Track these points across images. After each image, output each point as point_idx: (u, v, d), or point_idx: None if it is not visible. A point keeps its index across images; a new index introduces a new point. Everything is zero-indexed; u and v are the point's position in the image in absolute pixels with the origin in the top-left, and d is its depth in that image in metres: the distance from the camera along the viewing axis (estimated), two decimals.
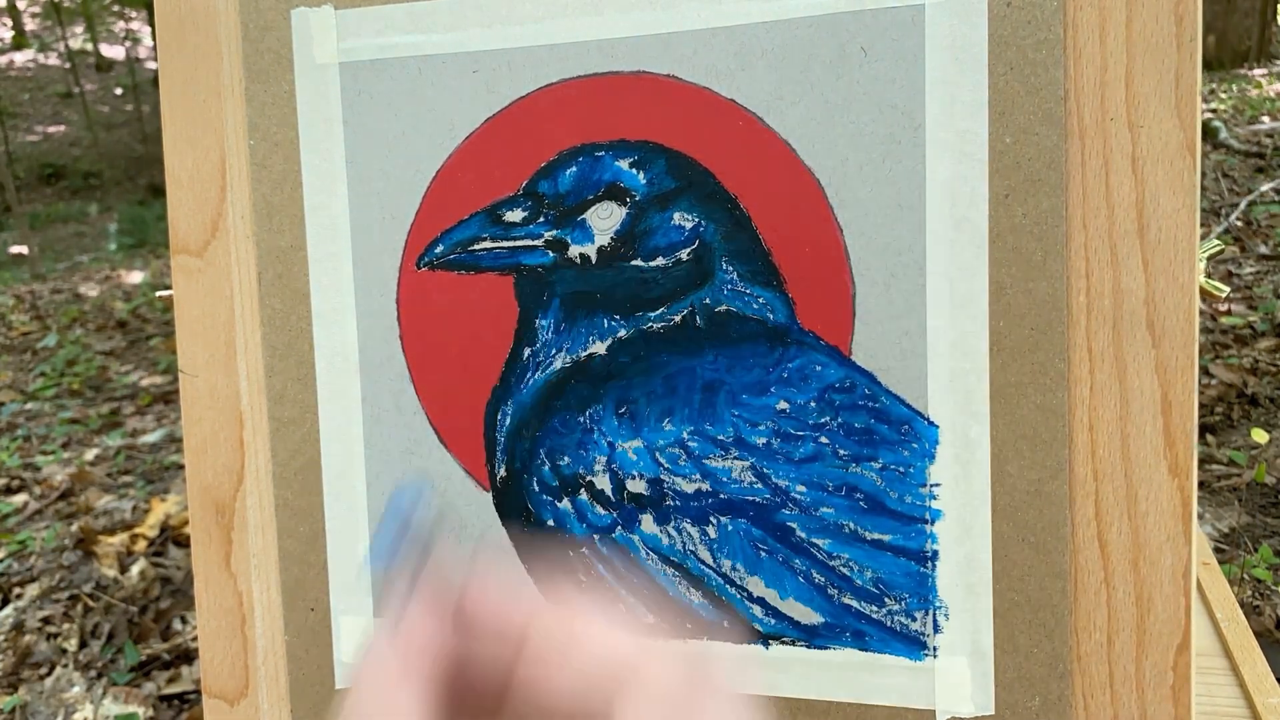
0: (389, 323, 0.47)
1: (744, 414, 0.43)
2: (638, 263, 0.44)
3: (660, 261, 0.43)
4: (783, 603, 0.43)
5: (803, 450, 0.42)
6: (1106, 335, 0.39)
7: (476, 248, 0.46)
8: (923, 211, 0.40)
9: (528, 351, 0.45)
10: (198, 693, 1.46)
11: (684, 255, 0.43)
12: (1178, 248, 0.38)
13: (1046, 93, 0.39)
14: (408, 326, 0.47)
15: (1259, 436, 1.72)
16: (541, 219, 0.45)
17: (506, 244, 0.45)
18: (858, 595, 0.42)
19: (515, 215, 0.45)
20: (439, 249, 0.46)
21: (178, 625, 1.66)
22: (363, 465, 0.48)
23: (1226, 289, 0.45)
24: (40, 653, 1.60)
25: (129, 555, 1.88)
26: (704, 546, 0.44)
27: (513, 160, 0.45)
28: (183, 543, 1.90)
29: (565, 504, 0.45)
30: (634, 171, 0.43)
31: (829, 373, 0.42)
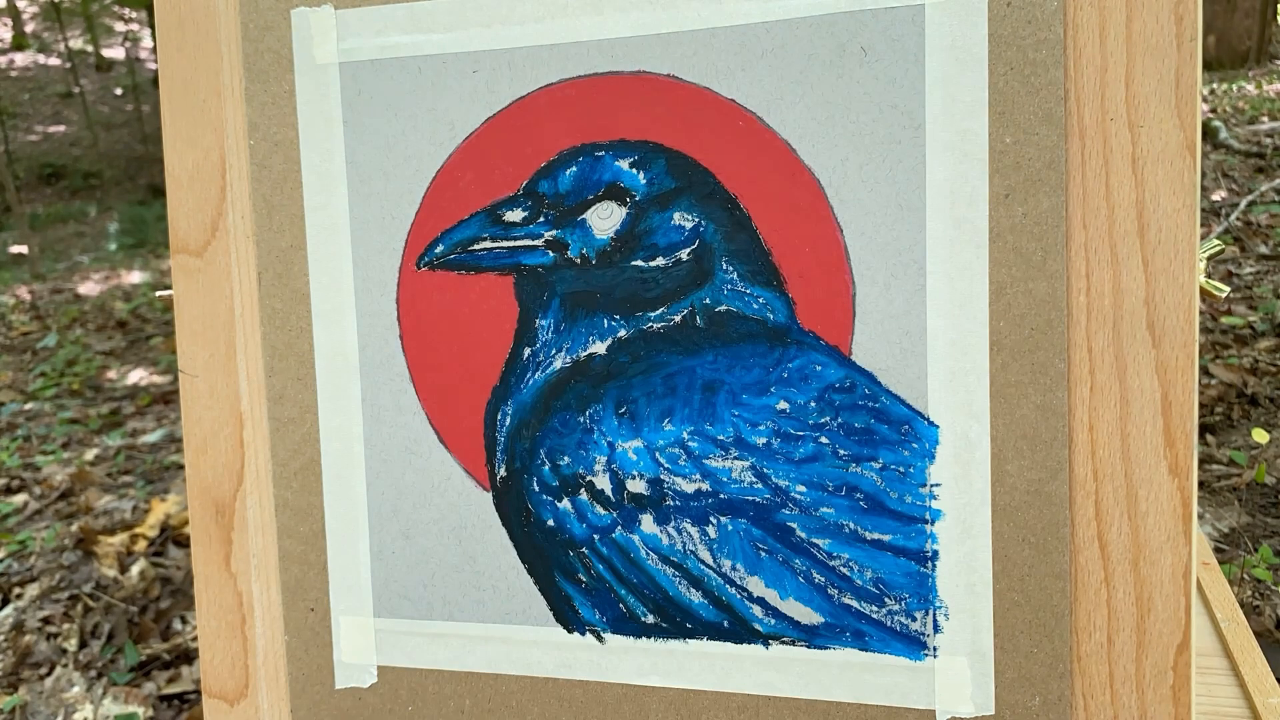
0: (389, 323, 0.47)
1: (744, 414, 0.43)
2: (638, 263, 0.44)
3: (660, 261, 0.43)
4: (783, 603, 0.43)
5: (803, 450, 0.42)
6: (1106, 335, 0.39)
7: (476, 248, 0.46)
8: (923, 211, 0.40)
9: (528, 351, 0.45)
10: (198, 693, 1.46)
11: (684, 255, 0.43)
12: (1178, 248, 0.38)
13: (1046, 93, 0.39)
14: (408, 326, 0.47)
15: (1259, 436, 1.72)
16: (541, 219, 0.45)
17: (506, 244, 0.45)
18: (858, 595, 0.42)
19: (515, 215, 0.45)
20: (439, 249, 0.46)
21: (178, 625, 1.66)
22: (363, 465, 0.48)
23: (1226, 289, 0.45)
24: (40, 653, 1.60)
25: (129, 555, 1.88)
26: (704, 546, 0.44)
27: (513, 160, 0.45)
28: (183, 543, 1.90)
29: (565, 504, 0.45)
30: (634, 171, 0.43)
31: (829, 373, 0.42)
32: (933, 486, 0.41)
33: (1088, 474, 0.40)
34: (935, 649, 0.42)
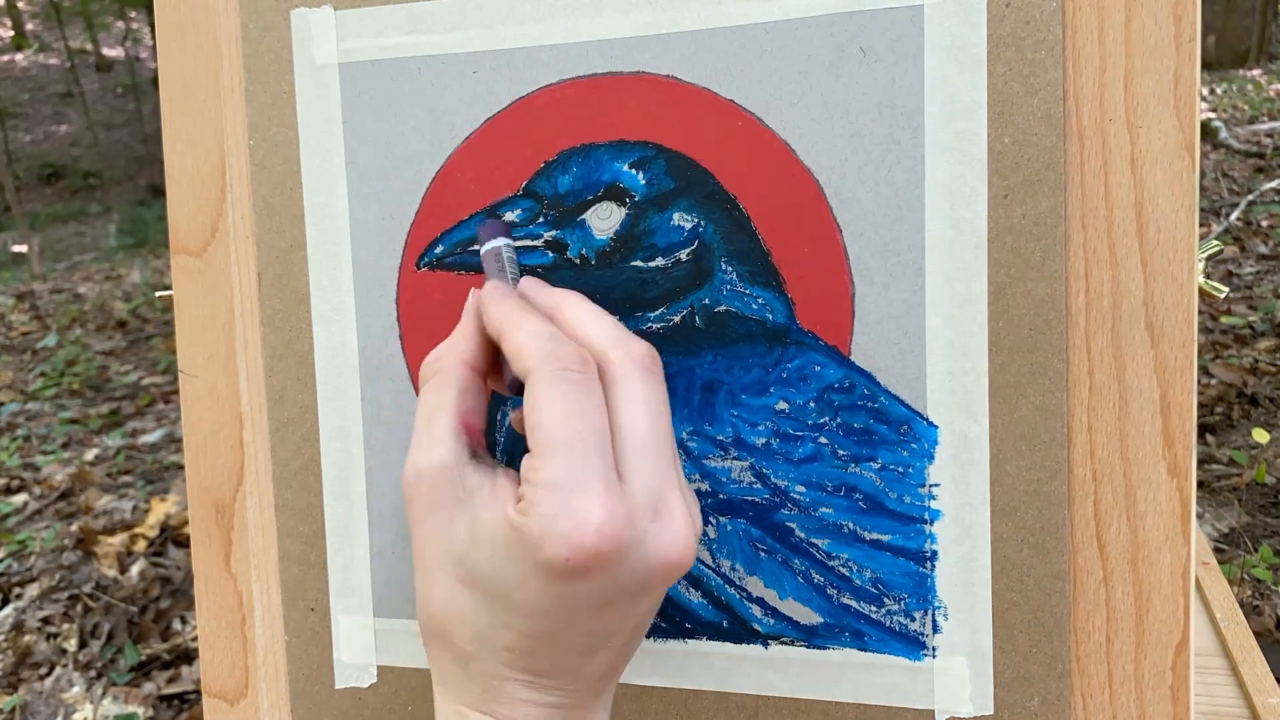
0: (389, 323, 0.47)
1: (743, 414, 0.43)
2: (637, 263, 0.44)
3: (659, 262, 0.43)
4: (782, 603, 0.43)
5: (802, 450, 0.42)
6: (1105, 336, 0.39)
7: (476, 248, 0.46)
8: (921, 212, 0.40)
9: None
10: (198, 693, 1.46)
11: (683, 255, 0.43)
12: (1176, 248, 0.38)
13: (1045, 93, 0.39)
14: (408, 326, 0.47)
15: (1259, 436, 1.72)
16: (541, 219, 0.45)
17: None
18: (857, 595, 0.42)
19: (515, 216, 0.45)
20: (439, 249, 0.46)
21: (178, 625, 1.66)
22: (363, 465, 0.48)
23: (1226, 289, 0.45)
24: (40, 653, 1.60)
25: (129, 555, 1.88)
26: (703, 546, 0.44)
27: (513, 160, 0.45)
28: (183, 543, 1.90)
29: None
30: (633, 172, 0.43)
31: (828, 373, 0.42)
32: (932, 487, 0.41)
33: (1086, 474, 0.40)
34: (934, 649, 0.42)
